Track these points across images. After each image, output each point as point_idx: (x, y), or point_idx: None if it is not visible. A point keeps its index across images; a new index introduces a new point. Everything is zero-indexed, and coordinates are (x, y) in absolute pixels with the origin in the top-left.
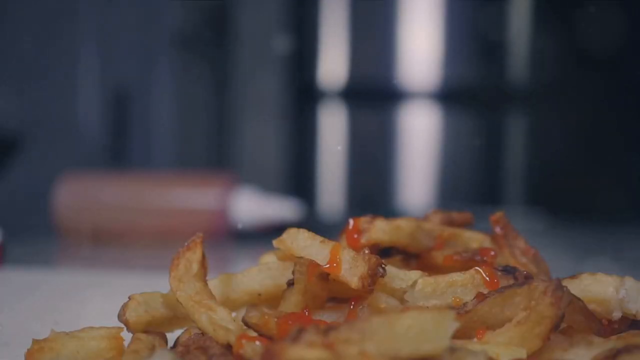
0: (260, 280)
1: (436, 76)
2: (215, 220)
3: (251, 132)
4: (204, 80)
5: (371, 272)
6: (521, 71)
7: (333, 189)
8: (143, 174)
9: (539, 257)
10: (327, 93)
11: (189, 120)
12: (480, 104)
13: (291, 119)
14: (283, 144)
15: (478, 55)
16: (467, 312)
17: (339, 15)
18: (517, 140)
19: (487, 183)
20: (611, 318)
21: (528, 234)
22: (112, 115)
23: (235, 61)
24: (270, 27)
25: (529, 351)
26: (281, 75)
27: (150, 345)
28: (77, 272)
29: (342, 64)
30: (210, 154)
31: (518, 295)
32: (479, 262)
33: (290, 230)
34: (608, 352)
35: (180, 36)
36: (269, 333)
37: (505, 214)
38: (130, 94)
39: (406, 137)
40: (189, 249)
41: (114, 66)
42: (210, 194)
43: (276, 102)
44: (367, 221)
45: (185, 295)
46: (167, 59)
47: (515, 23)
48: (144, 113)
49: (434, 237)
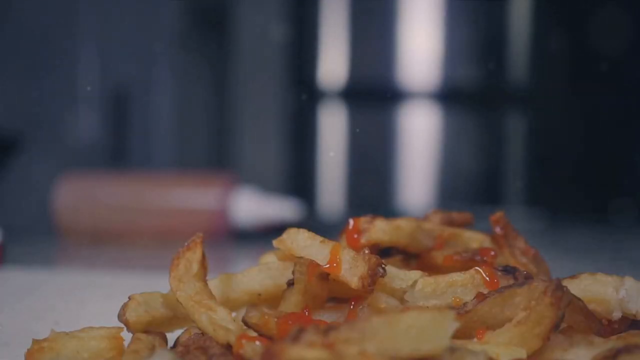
0: (260, 280)
1: (436, 76)
2: (215, 220)
3: (251, 132)
4: (204, 80)
5: (371, 272)
6: (521, 71)
7: (333, 189)
8: (143, 174)
9: (539, 257)
10: (327, 93)
11: (189, 120)
12: (480, 104)
13: (291, 119)
14: (283, 144)
15: (478, 55)
16: (467, 312)
17: (339, 15)
18: (517, 140)
19: (487, 183)
20: (611, 318)
21: (528, 234)
22: (112, 115)
23: (235, 61)
24: (270, 27)
25: (529, 351)
26: (281, 76)
27: (150, 345)
28: (77, 272)
29: (342, 64)
30: (210, 154)
31: (518, 295)
32: (479, 262)
33: (290, 230)
34: (608, 352)
35: (180, 36)
36: (269, 333)
37: (505, 214)
38: (130, 94)
39: (406, 137)
40: (189, 249)
41: (114, 66)
42: (210, 194)
43: (276, 102)
44: (367, 221)
45: (185, 295)
46: (167, 59)
47: (515, 23)
48: (144, 113)
49: (434, 237)
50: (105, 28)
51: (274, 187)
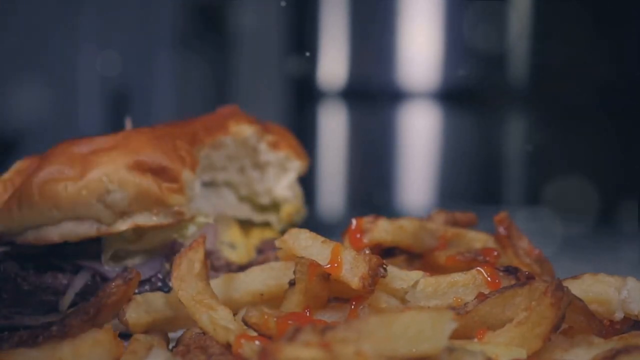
0: (262, 280)
1: (436, 76)
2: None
3: None
4: (204, 80)
5: (372, 272)
6: (521, 71)
7: (333, 189)
8: None
9: (543, 258)
10: (327, 93)
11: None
12: (480, 104)
13: (291, 118)
14: None
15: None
16: (467, 312)
17: (339, 15)
18: (517, 140)
19: (487, 183)
20: (613, 319)
21: (528, 234)
22: (112, 115)
23: (235, 61)
24: (270, 27)
25: (530, 351)
26: (281, 76)
27: (149, 346)
28: None
29: (342, 64)
30: None
31: (519, 295)
32: (481, 262)
33: (292, 230)
34: (607, 353)
35: (180, 36)
36: (268, 333)
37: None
38: (130, 94)
39: (406, 137)
40: (191, 249)
41: (114, 66)
42: None
43: (276, 102)
44: (369, 221)
45: (187, 294)
46: (167, 59)
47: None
48: (144, 113)
49: (437, 237)
50: (105, 28)
51: None
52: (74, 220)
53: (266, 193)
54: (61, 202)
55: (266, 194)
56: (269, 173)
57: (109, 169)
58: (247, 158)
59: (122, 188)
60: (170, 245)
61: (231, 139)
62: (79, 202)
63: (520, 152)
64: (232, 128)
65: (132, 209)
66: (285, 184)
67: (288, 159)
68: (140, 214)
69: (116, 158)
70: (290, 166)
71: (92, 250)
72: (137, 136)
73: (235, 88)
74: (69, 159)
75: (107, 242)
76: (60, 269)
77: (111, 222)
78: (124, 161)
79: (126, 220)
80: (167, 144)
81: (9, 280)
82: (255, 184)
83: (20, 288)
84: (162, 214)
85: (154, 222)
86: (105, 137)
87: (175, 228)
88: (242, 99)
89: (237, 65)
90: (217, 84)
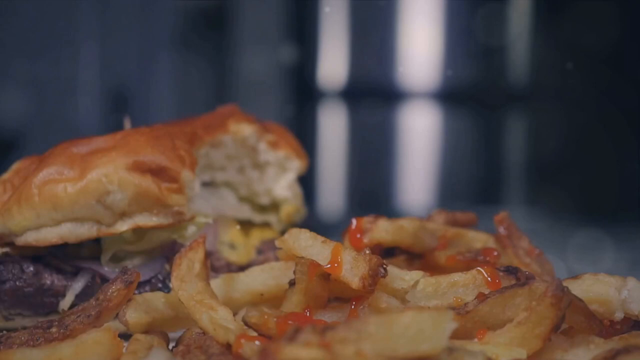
0: (262, 280)
1: (436, 76)
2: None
3: None
4: (204, 80)
5: (372, 272)
6: (521, 71)
7: (333, 189)
8: None
9: (543, 258)
10: (327, 93)
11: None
12: (480, 104)
13: (291, 118)
14: None
15: (478, 55)
16: (467, 312)
17: (339, 15)
18: (517, 140)
19: (487, 183)
20: (613, 319)
21: (528, 234)
22: (112, 115)
23: (235, 61)
24: (270, 27)
25: (530, 352)
26: (281, 75)
27: (148, 345)
28: None
29: (342, 64)
30: None
31: (519, 295)
32: (481, 262)
33: (292, 230)
34: (607, 353)
35: (180, 36)
36: (268, 333)
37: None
38: (130, 94)
39: (406, 137)
40: (191, 249)
41: (114, 66)
42: None
43: (276, 102)
44: (370, 221)
45: (187, 294)
46: (166, 59)
47: (515, 23)
48: (144, 113)
49: (437, 237)
50: (105, 28)
51: None
52: (74, 221)
53: (266, 193)
54: (61, 203)
55: (266, 194)
56: (269, 173)
57: (108, 170)
58: (246, 158)
59: (122, 189)
60: (170, 246)
61: (230, 138)
62: (78, 203)
63: (520, 152)
64: (232, 127)
65: (131, 210)
66: (285, 184)
67: (288, 159)
68: (140, 215)
69: (115, 159)
70: (290, 166)
71: (91, 251)
72: (136, 136)
73: (235, 88)
74: (68, 159)
75: (106, 243)
76: (60, 270)
77: (111, 223)
78: (123, 162)
79: (126, 220)
80: (166, 144)
81: (8, 282)
82: (254, 184)
83: (20, 289)
84: (161, 214)
85: (154, 223)
86: (104, 138)
87: (175, 228)
88: (242, 98)
89: (237, 65)
90: (217, 83)
